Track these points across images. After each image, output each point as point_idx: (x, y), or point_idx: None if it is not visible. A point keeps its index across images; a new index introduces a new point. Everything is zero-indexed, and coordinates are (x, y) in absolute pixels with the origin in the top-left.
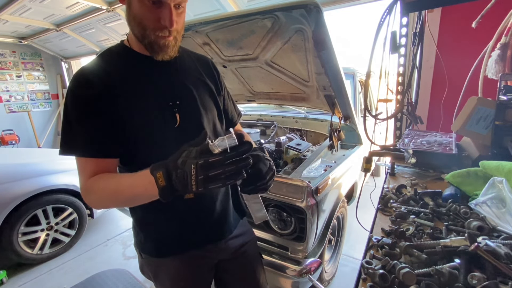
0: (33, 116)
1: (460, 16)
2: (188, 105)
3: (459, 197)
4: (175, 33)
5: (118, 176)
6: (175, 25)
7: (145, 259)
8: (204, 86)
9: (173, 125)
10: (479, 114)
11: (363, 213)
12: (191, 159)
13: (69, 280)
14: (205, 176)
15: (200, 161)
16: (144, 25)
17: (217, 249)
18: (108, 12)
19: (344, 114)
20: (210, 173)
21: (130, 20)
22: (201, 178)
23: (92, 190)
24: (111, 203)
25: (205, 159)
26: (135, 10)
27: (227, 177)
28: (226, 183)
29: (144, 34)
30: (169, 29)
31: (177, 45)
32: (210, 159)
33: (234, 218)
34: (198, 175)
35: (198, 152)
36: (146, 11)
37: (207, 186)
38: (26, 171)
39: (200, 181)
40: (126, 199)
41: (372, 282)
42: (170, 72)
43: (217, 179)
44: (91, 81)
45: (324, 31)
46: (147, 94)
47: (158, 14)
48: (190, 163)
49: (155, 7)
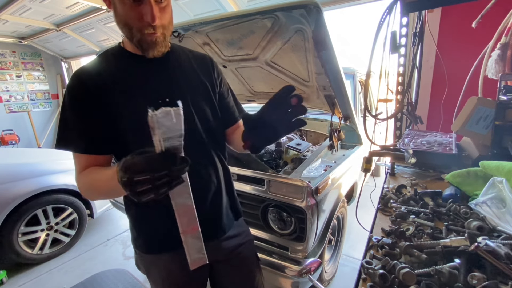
0: (33, 116)
1: (460, 16)
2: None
3: (459, 197)
4: (161, 29)
5: (100, 170)
6: (157, 20)
7: (139, 255)
8: (198, 84)
9: None
10: (479, 114)
11: (363, 213)
12: (120, 171)
13: (69, 280)
14: (133, 192)
15: (124, 178)
16: (129, 24)
17: (209, 249)
18: (108, 12)
19: (344, 114)
20: (137, 189)
21: (117, 22)
22: (130, 193)
23: (81, 183)
24: (97, 195)
25: (130, 176)
26: (119, 12)
27: (157, 191)
28: (159, 196)
29: (131, 34)
30: (152, 25)
31: (166, 40)
32: (135, 178)
33: (228, 219)
34: (126, 188)
35: (128, 163)
36: (128, 10)
37: (139, 199)
38: (26, 171)
39: (131, 194)
40: (105, 190)
41: (372, 282)
42: (161, 70)
43: (147, 193)
44: (86, 81)
45: (324, 31)
46: (138, 92)
47: (140, 12)
48: (120, 174)
49: (135, 5)
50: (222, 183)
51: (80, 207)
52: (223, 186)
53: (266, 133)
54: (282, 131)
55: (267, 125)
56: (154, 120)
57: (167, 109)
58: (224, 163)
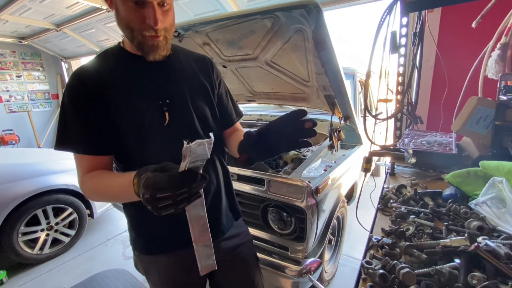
0: (33, 116)
1: (460, 16)
2: (179, 104)
3: (459, 197)
4: (163, 32)
5: (109, 175)
6: (160, 23)
7: (137, 256)
8: (198, 85)
9: (161, 124)
10: (479, 114)
11: (363, 213)
12: (142, 188)
13: (69, 280)
14: (154, 206)
15: (147, 195)
16: (131, 26)
17: None
18: (108, 12)
19: (344, 114)
20: (158, 205)
21: (119, 23)
22: (151, 208)
23: (86, 186)
24: (104, 199)
25: (152, 193)
26: (121, 13)
27: (177, 207)
28: (178, 211)
29: (132, 36)
30: (155, 28)
31: (168, 43)
32: (158, 195)
33: (228, 219)
34: (148, 204)
35: (151, 181)
36: (130, 12)
37: (159, 213)
38: (26, 171)
39: (152, 209)
40: (116, 197)
41: (372, 282)
42: (161, 71)
43: (166, 208)
44: (85, 81)
45: (324, 31)
46: (138, 94)
47: (142, 14)
48: (142, 190)
49: (138, 7)
50: (221, 184)
51: (80, 207)
52: (223, 187)
53: (266, 149)
54: (283, 149)
55: (269, 141)
56: (188, 150)
57: (201, 141)
58: (224, 164)
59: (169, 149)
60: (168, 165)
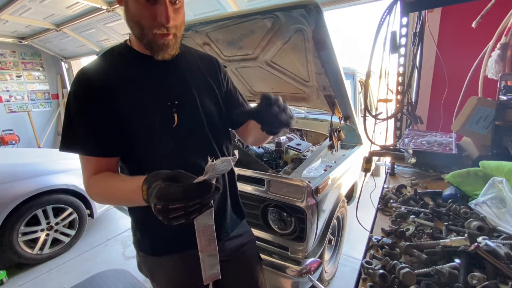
0: (33, 116)
1: (460, 16)
2: (187, 106)
3: (459, 197)
4: (174, 30)
5: (117, 178)
6: (171, 21)
7: (142, 257)
8: (206, 85)
9: (170, 125)
10: (479, 114)
11: (363, 213)
12: (154, 197)
13: (69, 280)
14: (165, 217)
15: (159, 205)
16: (141, 24)
17: None
18: (108, 12)
19: (344, 114)
20: (170, 215)
21: (128, 20)
22: (162, 218)
23: (92, 188)
24: (110, 202)
25: (165, 204)
26: (131, 10)
27: (188, 217)
28: (189, 221)
29: (142, 34)
30: (166, 25)
31: (177, 42)
32: (170, 206)
33: (232, 220)
34: (159, 215)
35: (164, 191)
36: (141, 9)
37: (170, 223)
38: (26, 171)
39: (163, 219)
40: (123, 201)
41: (372, 282)
42: (170, 72)
43: (178, 218)
44: (92, 81)
45: (324, 31)
46: (146, 94)
47: (154, 12)
48: (153, 200)
49: (149, 4)
50: (227, 185)
51: (80, 207)
52: (228, 188)
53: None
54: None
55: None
56: (211, 167)
57: (226, 159)
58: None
59: (177, 150)
60: (180, 174)
